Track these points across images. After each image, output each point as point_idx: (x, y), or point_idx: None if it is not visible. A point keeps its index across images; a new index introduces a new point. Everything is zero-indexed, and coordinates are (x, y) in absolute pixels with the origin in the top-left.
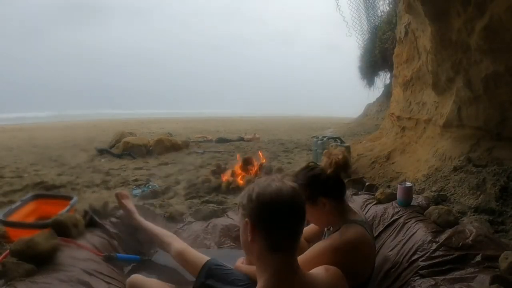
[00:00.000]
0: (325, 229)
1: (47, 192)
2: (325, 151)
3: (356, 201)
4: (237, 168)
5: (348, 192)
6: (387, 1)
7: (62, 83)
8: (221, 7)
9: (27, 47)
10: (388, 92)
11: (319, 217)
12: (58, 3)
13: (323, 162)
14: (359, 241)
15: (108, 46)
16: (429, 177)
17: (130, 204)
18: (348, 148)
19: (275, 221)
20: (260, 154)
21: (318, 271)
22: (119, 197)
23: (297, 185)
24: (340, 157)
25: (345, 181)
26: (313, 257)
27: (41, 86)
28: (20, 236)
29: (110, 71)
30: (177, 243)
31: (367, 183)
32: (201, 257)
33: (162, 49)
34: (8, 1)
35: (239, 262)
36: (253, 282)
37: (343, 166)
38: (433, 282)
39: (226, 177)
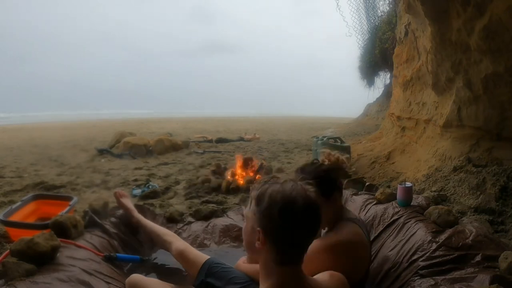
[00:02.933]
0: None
1: (47, 192)
2: (322, 150)
3: (356, 201)
4: (237, 168)
5: (348, 192)
6: (387, 1)
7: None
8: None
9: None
10: (388, 92)
11: (327, 215)
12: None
13: (321, 159)
14: (353, 239)
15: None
16: (429, 177)
17: (128, 202)
18: (348, 148)
19: (289, 239)
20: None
21: (323, 277)
22: (117, 196)
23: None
24: (336, 156)
25: (345, 181)
26: (308, 256)
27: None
28: (21, 236)
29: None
30: (178, 242)
31: (367, 183)
32: (201, 256)
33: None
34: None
35: (241, 261)
36: (253, 280)
37: (338, 165)
38: (433, 282)
39: (226, 177)
